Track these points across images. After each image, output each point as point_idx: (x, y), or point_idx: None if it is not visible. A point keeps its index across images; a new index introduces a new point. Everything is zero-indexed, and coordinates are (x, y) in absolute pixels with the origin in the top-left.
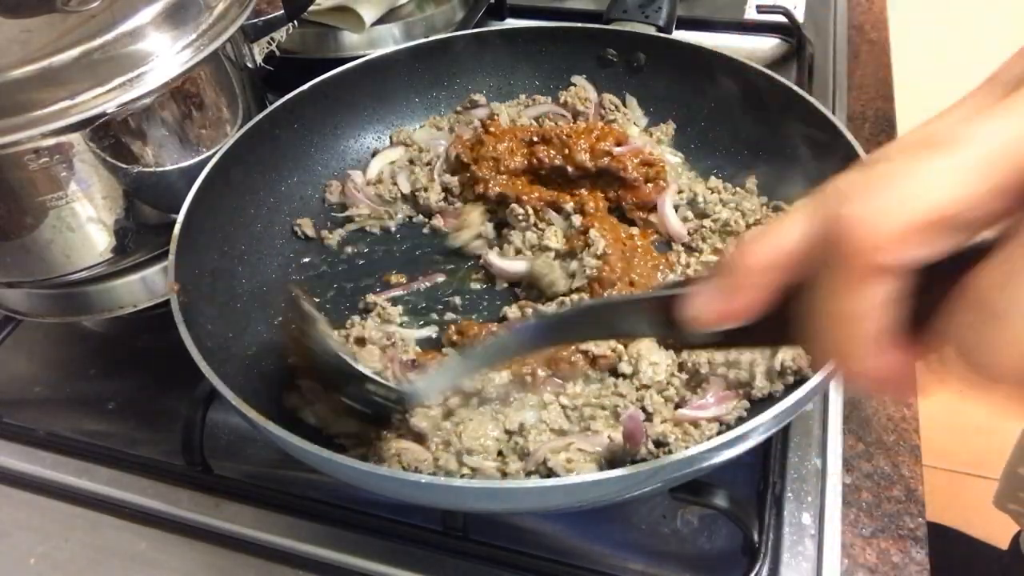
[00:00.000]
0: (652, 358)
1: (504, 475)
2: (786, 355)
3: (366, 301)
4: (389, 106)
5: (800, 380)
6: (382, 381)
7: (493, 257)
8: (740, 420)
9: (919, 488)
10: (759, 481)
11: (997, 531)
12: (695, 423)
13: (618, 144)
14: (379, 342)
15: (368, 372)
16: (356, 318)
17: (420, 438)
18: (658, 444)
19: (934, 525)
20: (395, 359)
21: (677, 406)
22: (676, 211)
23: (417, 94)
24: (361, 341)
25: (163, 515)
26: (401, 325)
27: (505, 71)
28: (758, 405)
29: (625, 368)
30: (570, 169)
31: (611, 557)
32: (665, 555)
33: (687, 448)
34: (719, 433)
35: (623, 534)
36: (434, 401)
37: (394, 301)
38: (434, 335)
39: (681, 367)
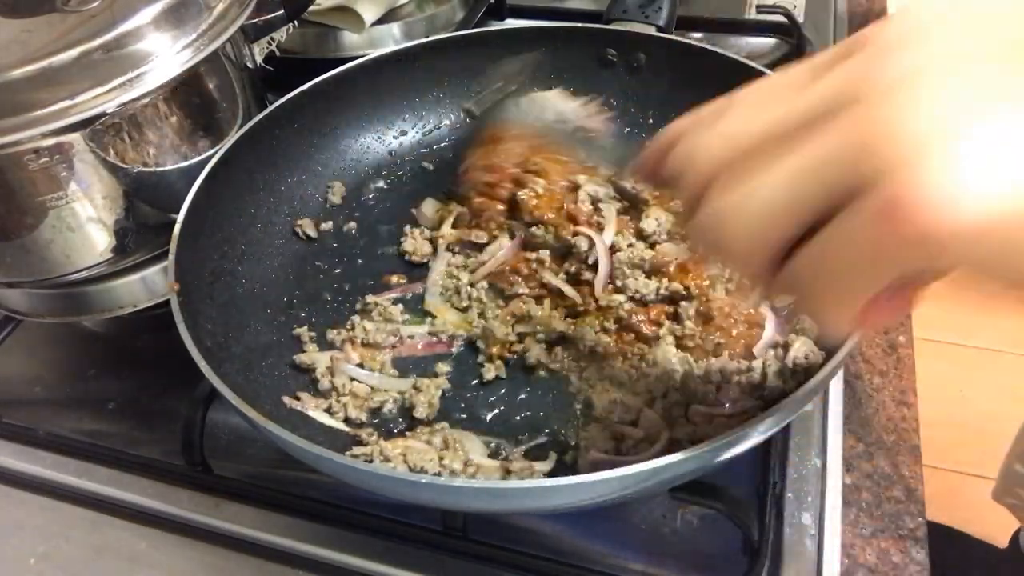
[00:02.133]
0: (668, 364)
1: (508, 473)
2: (798, 353)
3: (365, 301)
4: (389, 106)
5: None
6: None
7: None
8: (811, 369)
9: (919, 488)
10: (759, 481)
11: (997, 530)
12: (711, 418)
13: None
14: (385, 342)
15: None
16: (356, 319)
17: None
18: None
19: (934, 525)
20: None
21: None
22: None
23: (417, 94)
24: (367, 345)
25: (163, 515)
26: (404, 324)
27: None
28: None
29: (646, 368)
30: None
31: (611, 557)
32: (665, 555)
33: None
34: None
35: (623, 534)
36: None
37: (394, 302)
38: (438, 331)
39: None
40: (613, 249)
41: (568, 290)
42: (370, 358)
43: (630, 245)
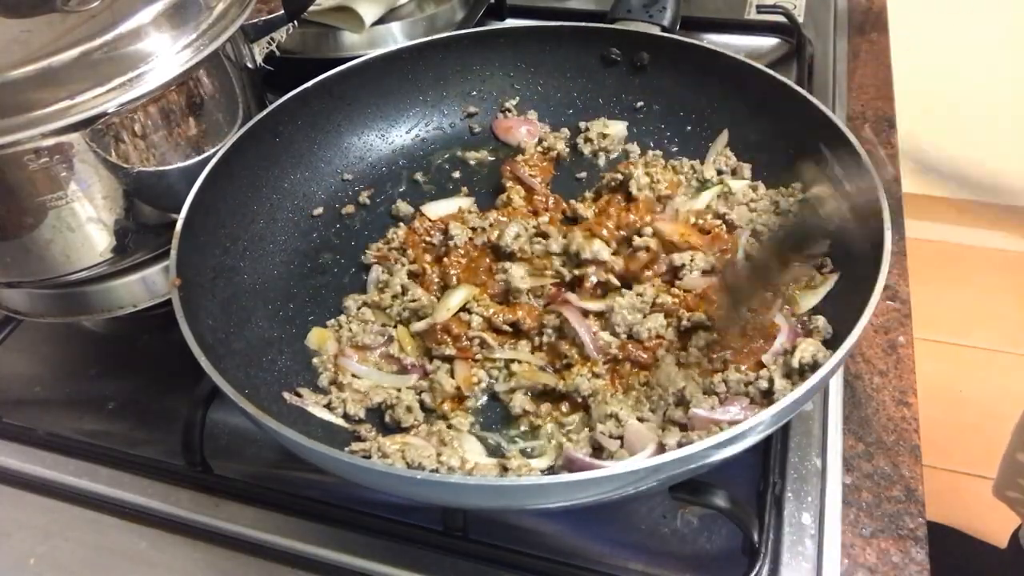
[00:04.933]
0: (673, 383)
1: (505, 471)
2: (804, 353)
3: (344, 303)
4: (392, 103)
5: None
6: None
7: None
8: (811, 368)
9: (919, 488)
10: (759, 481)
11: (997, 530)
12: (716, 424)
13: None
14: (375, 343)
15: None
16: (342, 318)
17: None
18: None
19: (934, 525)
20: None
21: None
22: None
23: (420, 92)
24: (357, 347)
25: (163, 515)
26: (395, 326)
27: (508, 70)
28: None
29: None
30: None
31: (611, 557)
32: (665, 555)
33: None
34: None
35: (623, 534)
36: None
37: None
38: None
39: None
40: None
41: (537, 361)
42: (362, 359)
43: (639, 294)
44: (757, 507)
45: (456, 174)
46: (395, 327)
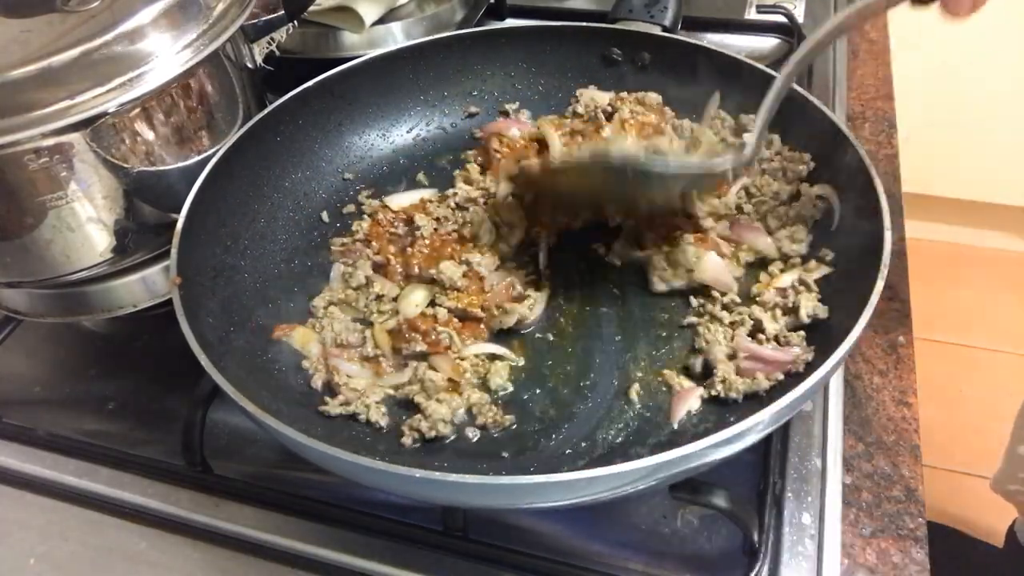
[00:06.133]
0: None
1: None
2: (807, 308)
3: (323, 299)
4: (392, 103)
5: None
6: None
7: None
8: (809, 367)
9: (919, 488)
10: (759, 481)
11: (997, 530)
12: (753, 375)
13: None
14: (357, 341)
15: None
16: (324, 320)
17: None
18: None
19: (934, 525)
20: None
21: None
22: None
23: (421, 91)
24: (341, 346)
25: (163, 515)
26: (370, 324)
27: (509, 70)
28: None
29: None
30: None
31: (611, 557)
32: (665, 555)
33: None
34: (777, 386)
35: (623, 534)
36: None
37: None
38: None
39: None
40: None
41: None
42: (350, 358)
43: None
44: (757, 507)
45: (457, 173)
46: (370, 327)
